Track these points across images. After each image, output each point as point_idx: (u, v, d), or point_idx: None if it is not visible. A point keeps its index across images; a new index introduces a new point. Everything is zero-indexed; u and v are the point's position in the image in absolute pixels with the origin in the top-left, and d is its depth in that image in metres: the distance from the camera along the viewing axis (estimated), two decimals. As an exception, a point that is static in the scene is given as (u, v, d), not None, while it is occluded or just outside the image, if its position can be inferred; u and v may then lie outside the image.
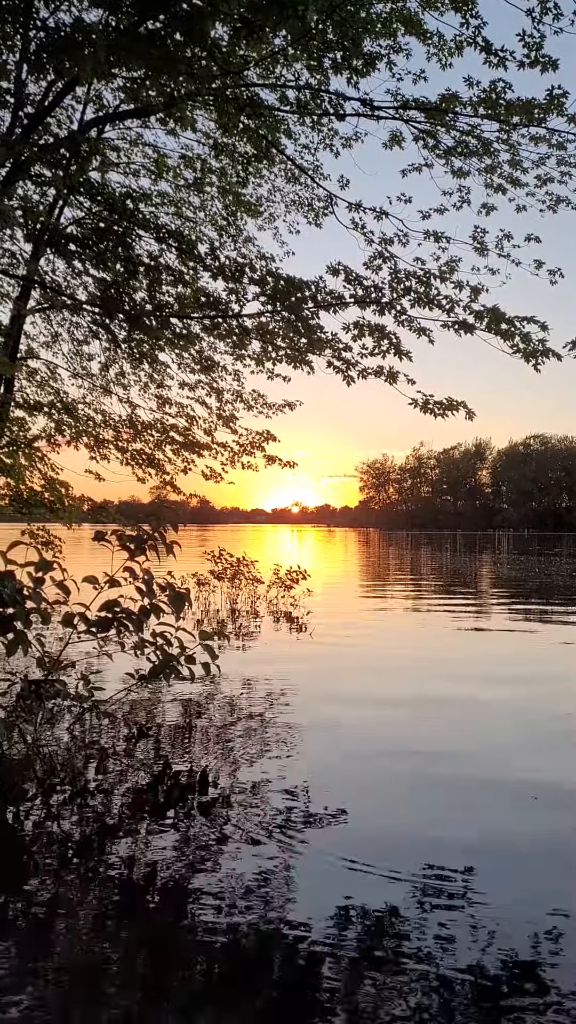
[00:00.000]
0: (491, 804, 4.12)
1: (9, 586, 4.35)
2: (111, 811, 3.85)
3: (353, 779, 4.46)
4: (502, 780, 4.49)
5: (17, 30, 6.46)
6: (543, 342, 7.09)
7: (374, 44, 6.85)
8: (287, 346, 8.50)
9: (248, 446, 10.69)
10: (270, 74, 7.61)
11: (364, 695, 6.81)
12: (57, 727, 5.24)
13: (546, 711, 6.27)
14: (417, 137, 7.46)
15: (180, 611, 4.97)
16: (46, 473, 10.60)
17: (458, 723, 5.90)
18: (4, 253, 9.46)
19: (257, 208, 9.86)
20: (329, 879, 3.18)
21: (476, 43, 6.40)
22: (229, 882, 3.11)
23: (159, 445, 11.02)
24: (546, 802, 4.15)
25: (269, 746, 5.02)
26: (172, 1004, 2.34)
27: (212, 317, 8.60)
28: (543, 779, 4.49)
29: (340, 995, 2.38)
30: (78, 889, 3.03)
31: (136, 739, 5.11)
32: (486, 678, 7.69)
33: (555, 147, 7.21)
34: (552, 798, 4.21)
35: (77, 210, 9.50)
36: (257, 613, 12.50)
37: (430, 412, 7.60)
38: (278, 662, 8.18)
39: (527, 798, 4.20)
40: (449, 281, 7.63)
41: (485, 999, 2.37)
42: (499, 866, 3.33)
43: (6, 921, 2.80)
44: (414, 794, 4.27)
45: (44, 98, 7.61)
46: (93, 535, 5.06)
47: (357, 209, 8.03)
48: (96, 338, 10.62)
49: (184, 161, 9.67)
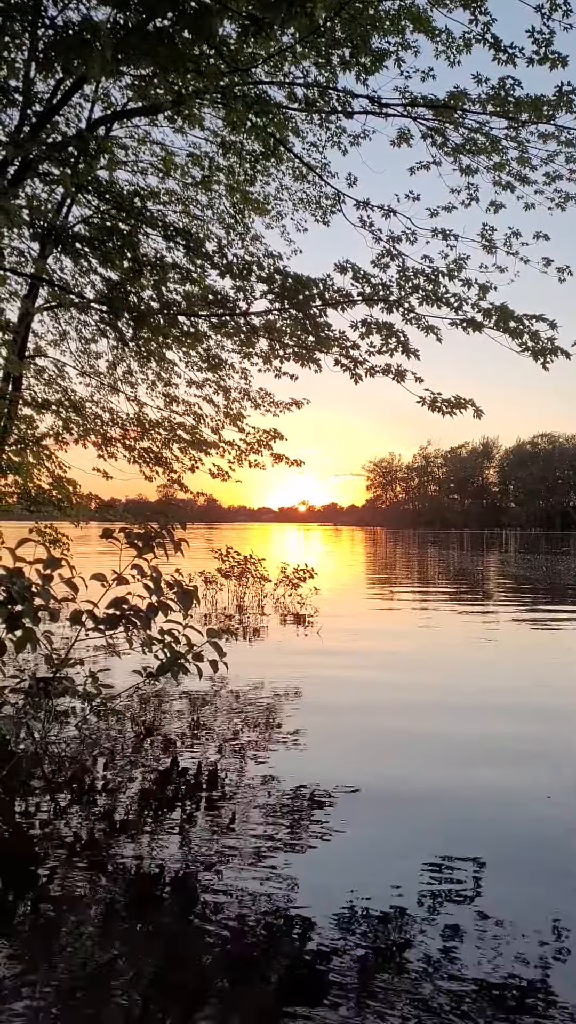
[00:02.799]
0: (509, 799, 4.12)
1: (18, 583, 4.36)
2: (119, 808, 3.86)
3: (360, 778, 4.45)
4: (507, 781, 4.48)
5: (26, 28, 6.46)
6: (552, 340, 7.06)
7: (382, 41, 6.82)
8: (295, 344, 8.49)
9: (255, 444, 10.68)
10: (278, 71, 7.59)
11: (372, 692, 6.80)
12: (65, 725, 5.25)
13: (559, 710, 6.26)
14: (425, 135, 7.44)
15: (188, 608, 4.98)
16: (54, 471, 10.63)
17: (472, 719, 5.89)
18: (12, 251, 9.47)
19: (265, 206, 9.84)
20: (336, 878, 3.17)
21: (485, 40, 6.37)
22: (237, 880, 3.11)
23: (166, 443, 11.03)
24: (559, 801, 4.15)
25: (277, 743, 5.02)
26: (179, 1000, 2.34)
27: (220, 315, 8.59)
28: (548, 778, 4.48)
29: (346, 991, 2.38)
30: (86, 886, 3.04)
31: (144, 736, 5.12)
32: (495, 676, 7.68)
33: (564, 144, 7.17)
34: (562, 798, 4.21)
35: (85, 208, 9.50)
36: (264, 611, 12.51)
37: (438, 410, 7.58)
38: (285, 660, 8.18)
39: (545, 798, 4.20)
40: (457, 279, 7.60)
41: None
42: (502, 864, 3.33)
43: (15, 918, 2.81)
44: (419, 791, 4.27)
45: (52, 96, 7.61)
46: (102, 532, 5.07)
47: (365, 207, 8.01)
48: (104, 336, 10.64)
49: (192, 159, 9.66)
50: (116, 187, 9.04)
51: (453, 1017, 2.27)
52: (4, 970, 2.46)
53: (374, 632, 10.89)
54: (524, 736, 5.48)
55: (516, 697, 6.78)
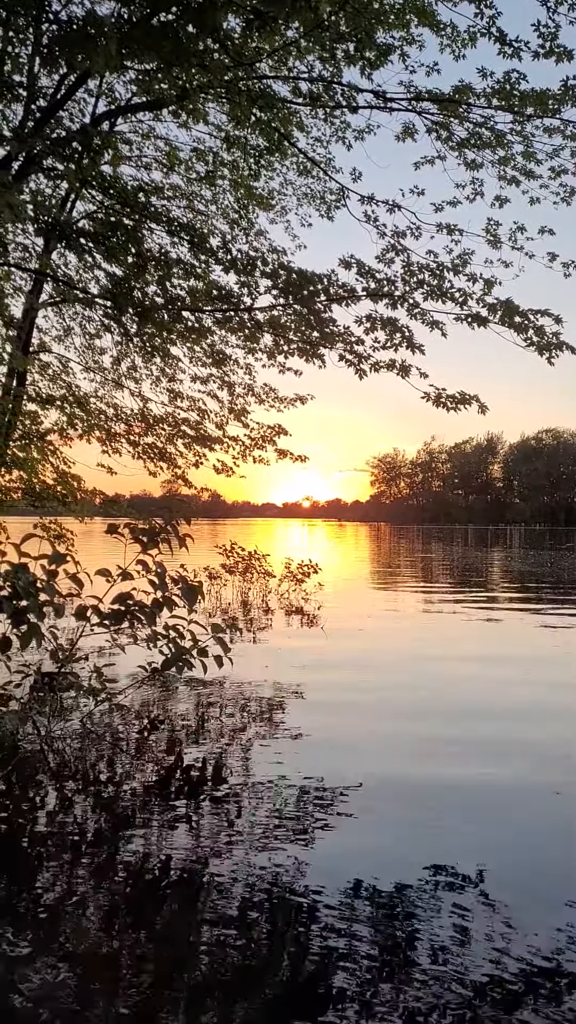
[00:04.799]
0: (509, 800, 4.12)
1: (23, 579, 4.37)
2: (124, 803, 3.88)
3: (365, 774, 4.46)
4: (517, 782, 4.49)
5: (30, 23, 6.46)
6: (557, 335, 7.03)
7: (387, 35, 6.79)
8: (299, 339, 8.47)
9: (259, 440, 10.67)
10: (282, 66, 7.56)
11: (376, 688, 6.81)
12: (70, 719, 5.27)
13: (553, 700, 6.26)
14: (430, 129, 7.41)
15: (193, 604, 4.99)
16: (58, 467, 10.66)
17: (477, 716, 5.89)
18: (16, 246, 9.48)
19: (269, 201, 9.83)
20: (341, 873, 3.18)
21: (490, 33, 6.33)
22: (241, 874, 3.12)
23: (171, 439, 11.03)
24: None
25: (281, 740, 5.03)
26: (184, 994, 2.35)
27: (224, 310, 8.58)
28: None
29: (351, 986, 2.39)
30: (91, 880, 3.06)
31: (149, 731, 5.14)
32: (501, 667, 7.69)
33: (569, 138, 7.14)
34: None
35: (89, 203, 9.51)
36: (268, 607, 12.52)
37: (442, 406, 7.56)
38: (289, 655, 8.19)
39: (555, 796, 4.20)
40: (462, 274, 7.57)
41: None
42: (505, 865, 3.34)
43: (20, 912, 2.82)
44: (423, 789, 4.28)
45: (56, 91, 7.59)
46: (107, 528, 5.08)
47: (369, 202, 7.99)
48: (108, 332, 10.65)
49: (196, 154, 9.65)
50: (120, 182, 9.03)
51: (457, 1015, 2.28)
52: (12, 962, 2.47)
53: (378, 628, 10.89)
54: (527, 735, 5.49)
55: (521, 697, 6.79)
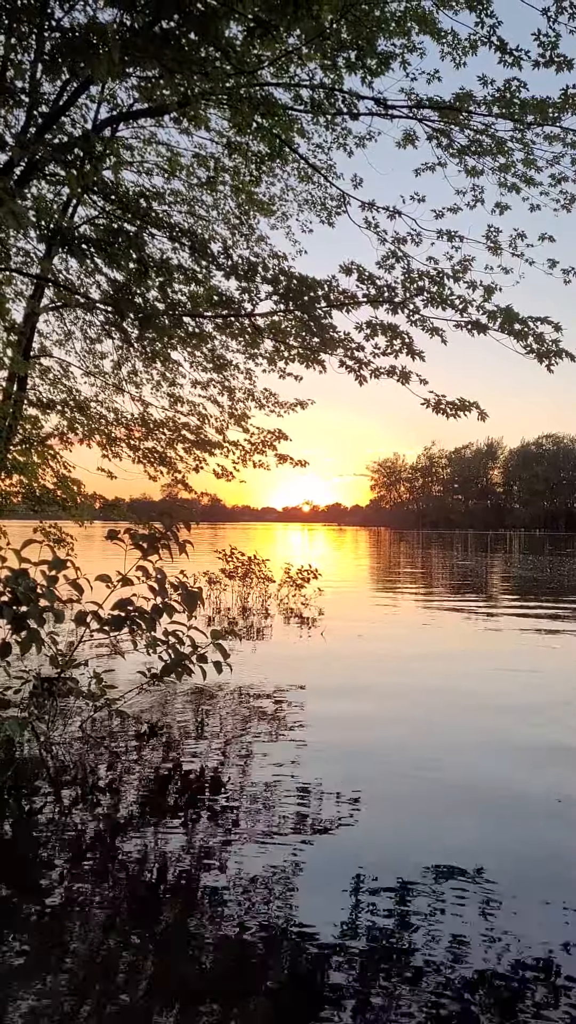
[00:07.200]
0: (499, 810, 4.12)
1: (23, 584, 4.38)
2: (122, 810, 3.88)
3: (363, 779, 4.46)
4: (514, 788, 4.49)
5: (32, 30, 6.48)
6: (557, 342, 7.05)
7: (388, 43, 6.83)
8: (299, 345, 8.49)
9: (259, 445, 10.70)
10: (284, 73, 7.60)
11: (375, 694, 6.80)
12: (69, 725, 5.26)
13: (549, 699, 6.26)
14: (431, 136, 7.44)
15: (193, 610, 5.00)
16: (58, 471, 10.67)
17: (474, 722, 5.89)
18: (18, 252, 9.50)
19: (270, 207, 9.87)
20: (337, 881, 3.18)
21: (491, 42, 6.37)
22: (238, 882, 3.12)
23: (171, 443, 11.05)
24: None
25: (280, 746, 5.03)
26: (180, 1000, 2.35)
27: (225, 316, 8.60)
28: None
29: (346, 993, 2.39)
30: (88, 887, 3.05)
31: (147, 737, 5.13)
32: (497, 674, 7.68)
33: (569, 146, 7.18)
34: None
35: (91, 209, 9.53)
36: (268, 612, 12.52)
37: (442, 412, 7.57)
38: (289, 661, 8.19)
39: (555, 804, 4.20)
40: (462, 280, 7.59)
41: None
42: (504, 872, 3.33)
43: (18, 917, 2.82)
44: (421, 794, 4.27)
45: (59, 97, 7.63)
46: (106, 534, 5.09)
47: (370, 208, 8.02)
48: (108, 336, 10.66)
49: (197, 160, 9.69)
50: (122, 188, 9.07)
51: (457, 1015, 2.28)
52: (12, 967, 2.47)
53: (378, 634, 10.88)
54: (529, 734, 5.48)
55: (522, 696, 6.78)
